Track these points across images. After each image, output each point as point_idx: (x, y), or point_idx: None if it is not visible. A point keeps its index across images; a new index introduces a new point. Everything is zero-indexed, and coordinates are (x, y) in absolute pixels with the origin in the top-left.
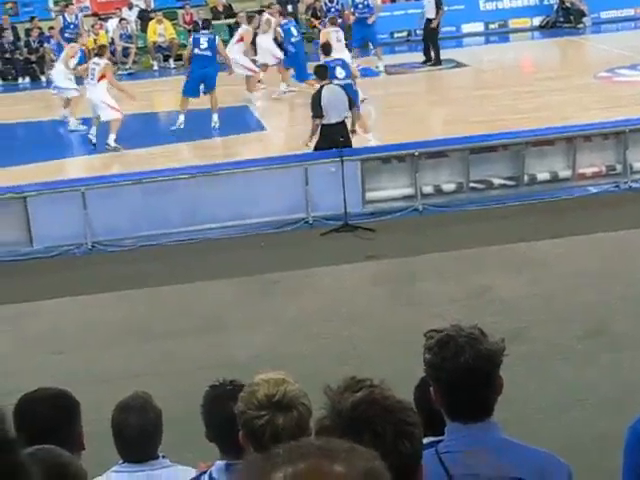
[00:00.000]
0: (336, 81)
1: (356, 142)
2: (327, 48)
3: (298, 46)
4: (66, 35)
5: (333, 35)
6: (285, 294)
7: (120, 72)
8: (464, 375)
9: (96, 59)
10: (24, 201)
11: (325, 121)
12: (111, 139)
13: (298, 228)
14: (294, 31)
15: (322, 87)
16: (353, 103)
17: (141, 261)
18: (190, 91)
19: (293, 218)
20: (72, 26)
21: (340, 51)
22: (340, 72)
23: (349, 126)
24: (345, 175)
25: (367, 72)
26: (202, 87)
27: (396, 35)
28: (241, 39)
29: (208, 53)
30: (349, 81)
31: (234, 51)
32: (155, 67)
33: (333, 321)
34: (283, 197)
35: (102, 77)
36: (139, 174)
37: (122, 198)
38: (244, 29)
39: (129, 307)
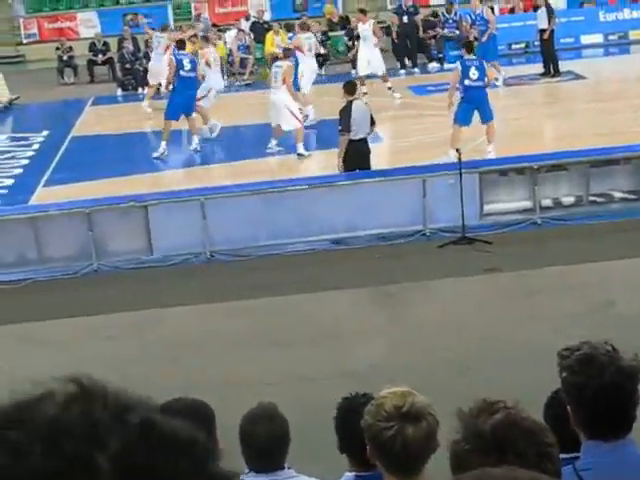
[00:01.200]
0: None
1: (475, 154)
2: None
3: None
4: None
5: (305, 42)
6: (401, 306)
7: (238, 83)
8: (609, 393)
9: (278, 62)
10: (145, 210)
11: (352, 137)
12: (300, 148)
13: (415, 240)
14: None
15: (351, 102)
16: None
17: (259, 271)
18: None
19: (410, 230)
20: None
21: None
22: None
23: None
24: (463, 187)
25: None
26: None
27: (514, 46)
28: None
29: (191, 74)
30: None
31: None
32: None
33: (449, 334)
34: (400, 209)
35: (284, 80)
36: (257, 184)
37: (240, 208)
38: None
39: (247, 316)
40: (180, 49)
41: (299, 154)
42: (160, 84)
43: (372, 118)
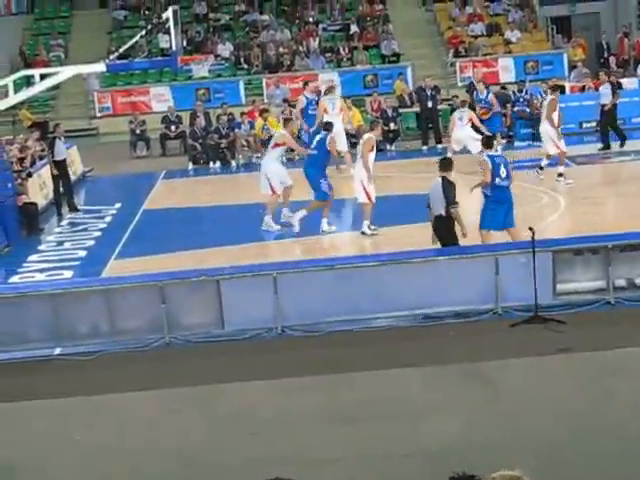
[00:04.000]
0: None
1: (548, 232)
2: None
3: None
4: (309, 113)
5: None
6: (474, 384)
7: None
8: None
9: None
10: (217, 284)
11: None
12: (365, 226)
13: (488, 318)
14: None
15: (444, 177)
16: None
17: (331, 347)
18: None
19: (483, 308)
20: (314, 102)
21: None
22: None
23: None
24: (536, 266)
25: (555, 162)
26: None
27: (585, 125)
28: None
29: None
30: None
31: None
32: (342, 153)
33: (525, 414)
34: (473, 286)
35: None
36: (330, 260)
37: (313, 283)
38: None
39: (319, 392)
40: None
41: (362, 232)
42: None
43: (449, 195)
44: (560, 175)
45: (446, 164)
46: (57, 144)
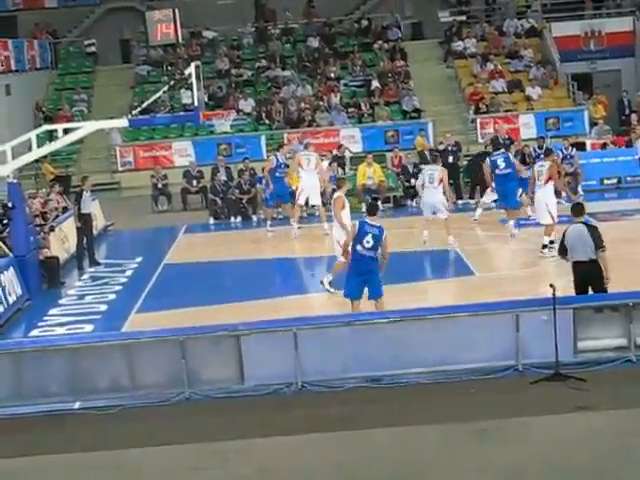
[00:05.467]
0: None
1: (568, 289)
2: None
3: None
4: (277, 175)
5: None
6: (494, 443)
7: (328, 213)
8: None
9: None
10: (237, 339)
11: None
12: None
13: (508, 375)
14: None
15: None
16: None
17: (350, 402)
18: None
19: (503, 365)
20: (283, 165)
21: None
22: None
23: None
24: (557, 323)
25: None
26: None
27: (606, 182)
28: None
29: None
30: None
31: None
32: (363, 209)
33: (545, 474)
34: (493, 343)
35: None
36: (349, 316)
37: (332, 339)
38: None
39: (337, 449)
40: None
41: (321, 281)
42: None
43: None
44: (545, 247)
45: (580, 209)
46: (84, 197)
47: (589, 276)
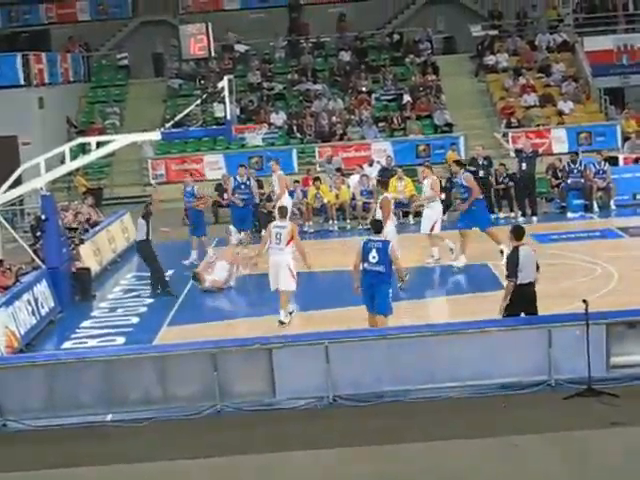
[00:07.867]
0: None
1: (601, 304)
2: None
3: None
4: (237, 195)
5: None
6: (525, 459)
7: (360, 227)
8: None
9: (279, 222)
10: (269, 352)
11: (519, 281)
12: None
13: (540, 390)
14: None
15: (517, 248)
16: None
17: (382, 416)
18: None
19: (535, 380)
20: (243, 186)
21: None
22: None
23: None
24: (590, 338)
25: (609, 234)
26: None
27: (639, 197)
28: None
29: None
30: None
31: None
32: (395, 222)
33: None
34: (525, 358)
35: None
36: (382, 330)
37: (365, 352)
38: None
39: (370, 463)
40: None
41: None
42: None
43: (536, 263)
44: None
45: (523, 232)
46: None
47: (533, 298)
